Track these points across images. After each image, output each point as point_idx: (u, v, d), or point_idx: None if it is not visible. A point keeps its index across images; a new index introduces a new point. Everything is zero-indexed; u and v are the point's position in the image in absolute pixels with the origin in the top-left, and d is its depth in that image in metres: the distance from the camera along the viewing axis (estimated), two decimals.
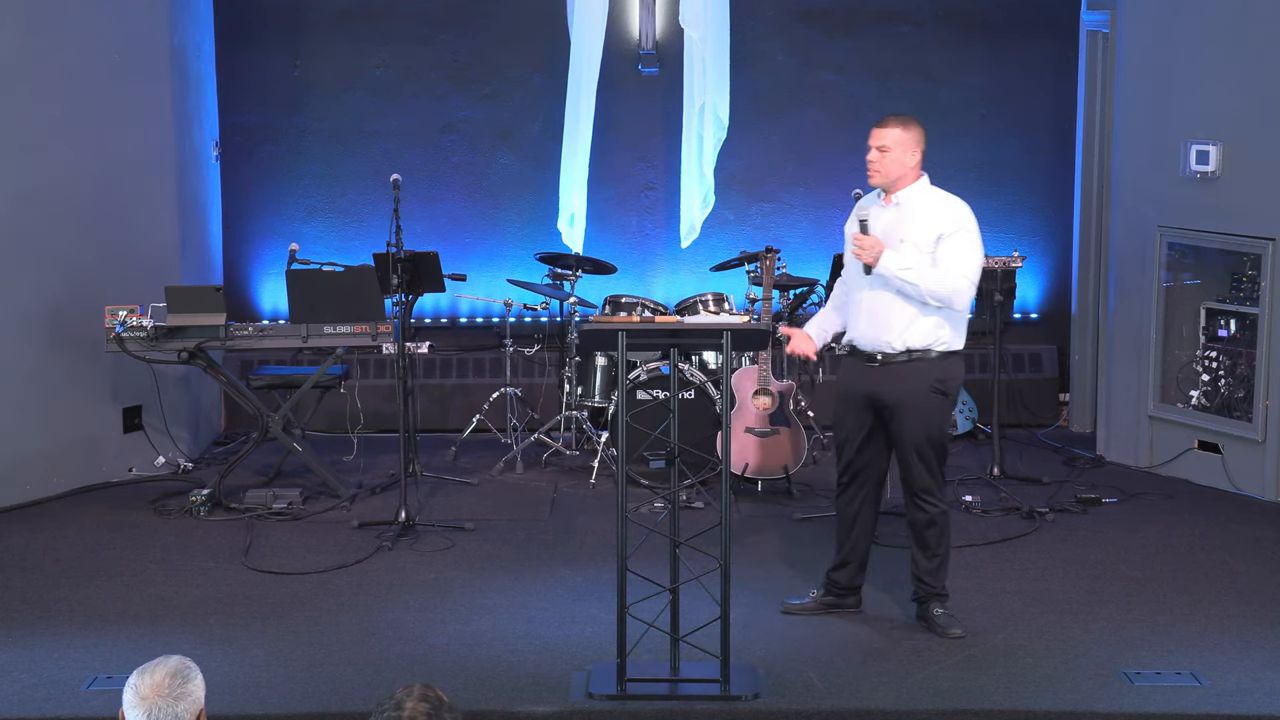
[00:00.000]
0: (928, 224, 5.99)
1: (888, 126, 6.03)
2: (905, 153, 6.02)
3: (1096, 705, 5.42)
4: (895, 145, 6.01)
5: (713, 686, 5.51)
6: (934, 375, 6.01)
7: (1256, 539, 7.36)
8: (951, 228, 5.98)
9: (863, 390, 6.10)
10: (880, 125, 6.06)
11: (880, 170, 6.04)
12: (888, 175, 6.04)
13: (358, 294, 7.92)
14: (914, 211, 6.04)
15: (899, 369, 6.02)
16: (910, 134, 6.04)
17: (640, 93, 9.76)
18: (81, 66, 8.16)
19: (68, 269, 8.16)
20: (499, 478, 8.54)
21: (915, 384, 6.00)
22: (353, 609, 6.46)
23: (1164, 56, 8.42)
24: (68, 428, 8.23)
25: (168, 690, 3.39)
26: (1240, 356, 8.22)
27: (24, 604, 6.53)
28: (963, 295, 5.96)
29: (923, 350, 6.00)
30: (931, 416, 6.04)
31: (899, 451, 6.14)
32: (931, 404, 6.02)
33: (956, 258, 5.96)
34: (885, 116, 6.10)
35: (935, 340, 6.00)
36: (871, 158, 6.05)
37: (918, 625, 6.21)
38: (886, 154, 6.02)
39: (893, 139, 6.01)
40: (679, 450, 5.65)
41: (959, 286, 5.94)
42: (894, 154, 6.01)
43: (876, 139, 6.04)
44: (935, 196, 6.09)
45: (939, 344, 6.01)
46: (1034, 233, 9.93)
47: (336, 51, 9.82)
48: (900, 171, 6.04)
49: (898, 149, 6.01)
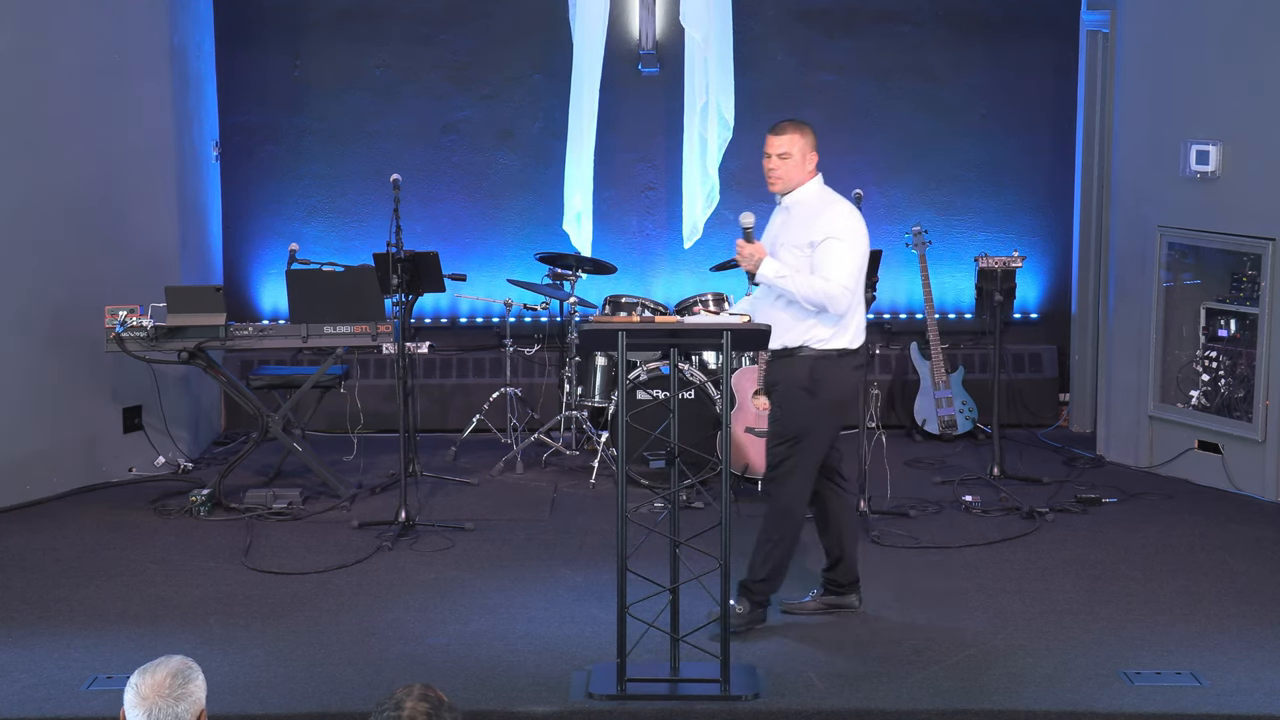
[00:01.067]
0: (807, 228, 6.08)
1: (786, 133, 6.12)
2: (804, 158, 6.12)
3: (1096, 705, 5.42)
4: (796, 151, 6.10)
5: (713, 686, 5.52)
6: (803, 373, 6.06)
7: (1256, 539, 7.37)
8: (827, 233, 6.04)
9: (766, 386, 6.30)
10: (777, 133, 6.13)
11: (781, 177, 6.13)
12: (789, 182, 6.14)
13: (358, 294, 7.92)
14: (800, 215, 6.13)
15: (779, 365, 6.14)
16: (807, 139, 6.14)
17: (641, 93, 9.75)
18: (81, 66, 8.16)
19: (68, 269, 8.16)
20: (499, 478, 8.55)
21: (787, 380, 6.10)
22: (353, 609, 6.46)
23: (1164, 56, 8.42)
24: (68, 428, 8.23)
25: (168, 691, 3.40)
26: (1240, 356, 8.22)
27: (24, 604, 6.53)
28: (837, 300, 6.01)
29: (795, 348, 6.08)
30: (797, 415, 6.08)
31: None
32: (799, 402, 6.06)
33: (831, 263, 6.03)
34: (780, 123, 6.18)
35: (810, 339, 6.07)
36: (772, 165, 6.13)
37: (917, 626, 6.21)
38: (787, 160, 6.11)
39: (791, 145, 6.10)
40: (679, 450, 5.65)
41: (832, 291, 6.00)
42: (794, 160, 6.11)
43: (776, 146, 6.11)
44: (821, 200, 6.18)
45: (815, 342, 6.07)
46: (1034, 233, 9.93)
47: (336, 51, 9.82)
48: (800, 177, 6.14)
49: (798, 154, 6.11)
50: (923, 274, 9.18)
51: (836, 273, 6.01)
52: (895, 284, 9.80)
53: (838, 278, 6.00)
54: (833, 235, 6.03)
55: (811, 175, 6.17)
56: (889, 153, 9.88)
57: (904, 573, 6.91)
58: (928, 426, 9.27)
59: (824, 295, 5.98)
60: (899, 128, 9.87)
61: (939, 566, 7.00)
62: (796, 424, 6.09)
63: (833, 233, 6.04)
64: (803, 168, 6.13)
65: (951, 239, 9.89)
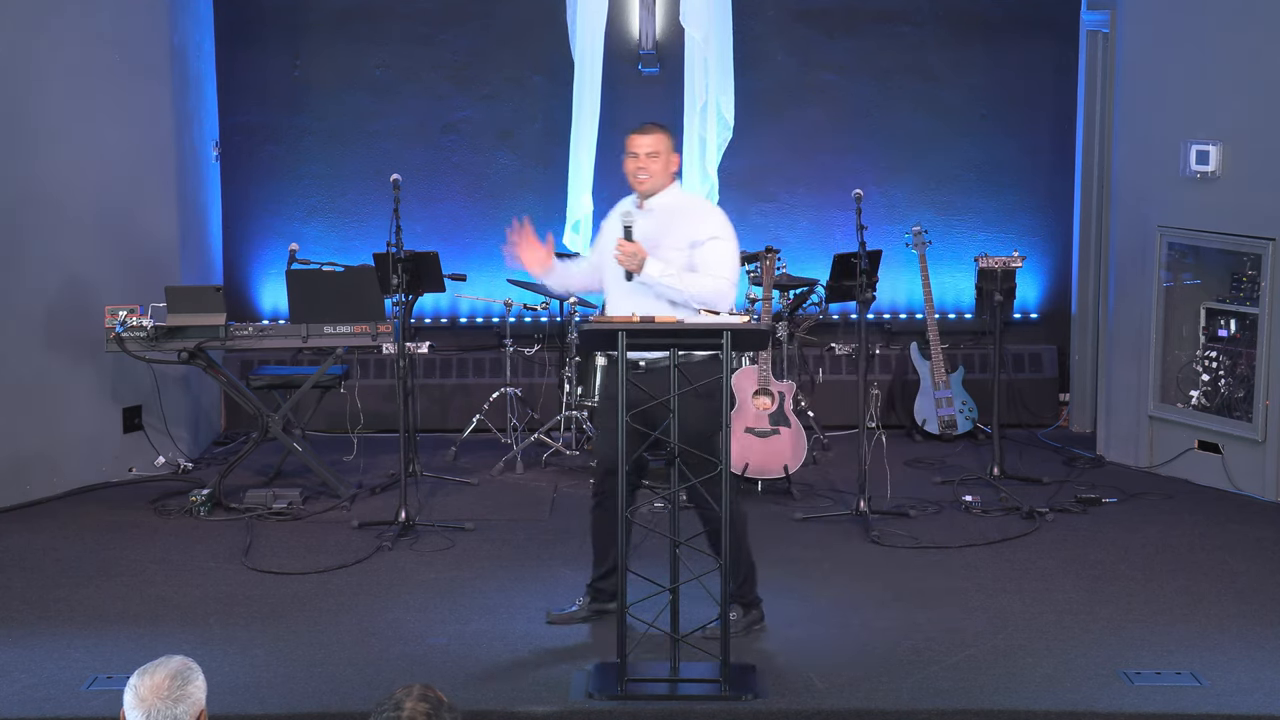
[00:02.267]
0: (687, 228, 6.06)
1: (653, 133, 6.12)
2: (669, 158, 6.12)
3: (1096, 705, 5.42)
4: (663, 151, 6.10)
5: (713, 686, 5.52)
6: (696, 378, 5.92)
7: (1256, 539, 7.37)
8: (711, 232, 6.06)
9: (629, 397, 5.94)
10: (644, 133, 6.12)
11: (651, 177, 6.10)
12: (656, 182, 6.11)
13: (358, 294, 7.92)
14: (673, 216, 6.11)
15: (663, 373, 5.88)
16: (671, 140, 6.16)
17: (641, 93, 9.75)
18: (81, 66, 8.16)
19: (68, 269, 8.16)
20: (499, 478, 8.55)
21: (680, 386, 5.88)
22: (353, 609, 6.46)
23: (1164, 56, 8.42)
24: (68, 428, 8.23)
25: (166, 693, 3.39)
26: (1240, 356, 8.22)
27: (24, 604, 6.53)
28: (726, 298, 6.03)
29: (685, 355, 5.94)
30: (696, 419, 5.88)
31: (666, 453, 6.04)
32: (697, 407, 5.87)
33: (717, 261, 6.03)
34: (645, 124, 6.19)
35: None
36: (641, 164, 6.09)
37: (917, 625, 6.21)
38: (656, 159, 6.09)
39: (660, 144, 6.09)
40: (679, 450, 5.65)
41: (722, 289, 6.00)
42: (662, 160, 6.10)
43: (645, 145, 6.09)
44: (693, 201, 6.24)
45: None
46: (1034, 233, 9.93)
47: (336, 51, 9.82)
48: (665, 179, 6.13)
49: (665, 154, 6.10)
50: (923, 274, 9.19)
51: (726, 269, 6.04)
52: (895, 284, 9.80)
53: (728, 275, 6.04)
54: (717, 235, 6.08)
55: (672, 176, 6.18)
56: (889, 153, 9.88)
57: (904, 573, 6.91)
58: (928, 426, 9.27)
59: (715, 293, 5.98)
60: (899, 128, 9.87)
61: (939, 566, 7.00)
62: (696, 429, 5.87)
63: (717, 232, 6.08)
64: (668, 169, 6.13)
65: (951, 239, 9.89)
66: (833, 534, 7.48)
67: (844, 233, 9.68)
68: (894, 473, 8.18)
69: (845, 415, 9.28)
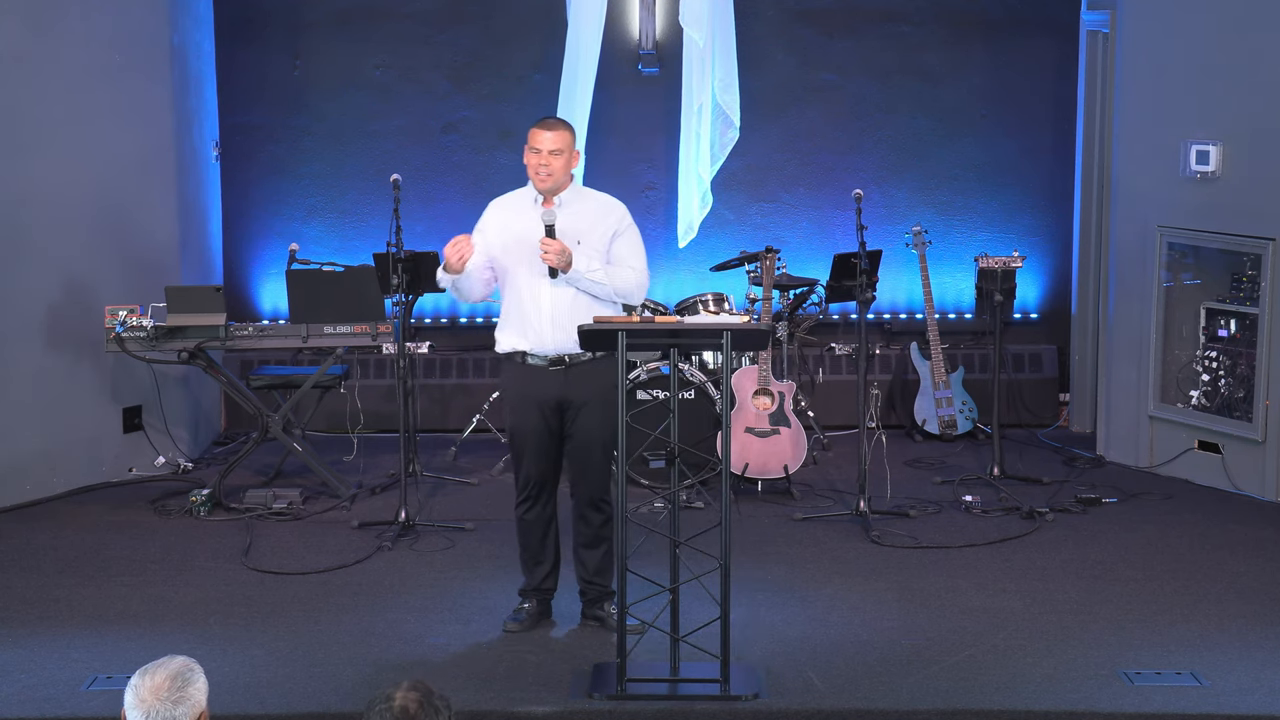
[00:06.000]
0: (599, 223, 6.08)
1: (556, 130, 6.09)
2: (571, 155, 6.10)
3: (1096, 705, 5.42)
4: (565, 148, 6.07)
5: (713, 686, 5.52)
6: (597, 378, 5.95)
7: (1256, 539, 7.36)
8: (621, 225, 6.10)
9: (550, 395, 6.00)
10: (548, 129, 6.08)
11: (553, 173, 6.06)
12: (558, 178, 6.08)
13: (358, 294, 7.92)
14: (582, 212, 6.11)
15: (586, 369, 5.95)
16: (572, 137, 6.13)
17: (640, 93, 9.75)
18: (81, 66, 8.16)
19: (68, 269, 8.16)
20: (499, 478, 8.54)
21: (602, 383, 5.94)
22: (353, 609, 6.46)
23: (1164, 56, 8.42)
24: (68, 428, 8.23)
25: (166, 694, 3.40)
26: (1240, 356, 8.22)
27: (24, 604, 6.53)
28: (643, 289, 6.12)
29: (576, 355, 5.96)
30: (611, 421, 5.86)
31: (583, 453, 6.06)
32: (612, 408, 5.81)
33: (632, 253, 6.09)
34: (547, 119, 6.18)
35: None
36: (543, 160, 6.05)
37: (917, 626, 6.21)
38: (559, 157, 6.05)
39: (564, 142, 6.07)
40: (679, 450, 5.65)
41: (643, 281, 6.09)
42: (565, 156, 6.07)
43: (548, 142, 6.04)
44: (597, 195, 6.21)
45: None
46: (1034, 233, 9.93)
47: (336, 51, 9.82)
48: (566, 175, 6.11)
49: (567, 151, 6.08)
50: (923, 274, 9.19)
51: (642, 262, 6.12)
52: (895, 284, 9.80)
53: (644, 267, 6.12)
54: (630, 226, 6.13)
55: (571, 176, 6.18)
56: (889, 153, 9.88)
57: (904, 573, 6.91)
58: (928, 426, 9.27)
59: (637, 285, 6.05)
60: (899, 128, 9.87)
61: (939, 566, 7.00)
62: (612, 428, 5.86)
63: (629, 224, 6.13)
64: (568, 166, 6.11)
65: (951, 239, 9.89)
66: (833, 534, 7.48)
67: (844, 233, 9.68)
68: (894, 473, 8.18)
69: (845, 415, 9.28)
